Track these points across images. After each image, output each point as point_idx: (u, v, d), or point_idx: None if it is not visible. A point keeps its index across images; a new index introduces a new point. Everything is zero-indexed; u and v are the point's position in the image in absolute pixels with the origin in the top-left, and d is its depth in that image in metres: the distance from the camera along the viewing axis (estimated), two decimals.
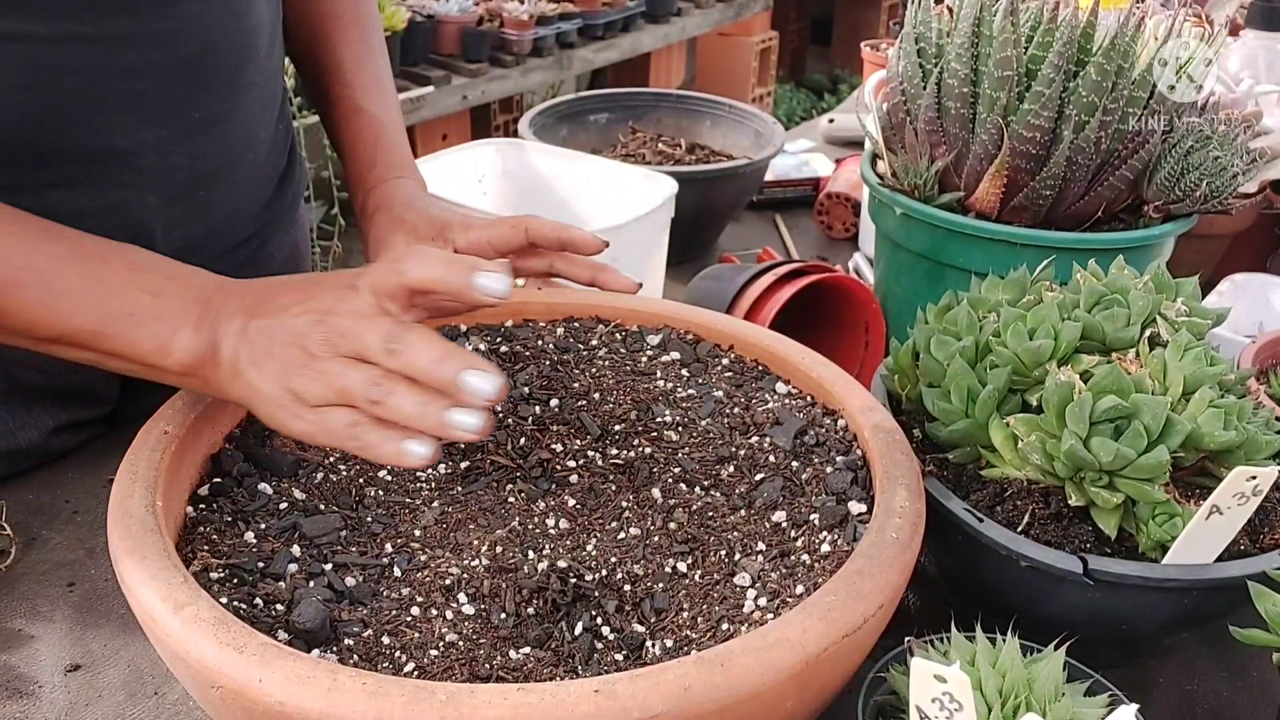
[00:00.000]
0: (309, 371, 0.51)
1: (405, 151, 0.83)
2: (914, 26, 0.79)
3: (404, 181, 0.79)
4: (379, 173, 0.80)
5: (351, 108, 0.82)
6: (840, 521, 0.54)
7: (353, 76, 0.83)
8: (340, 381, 0.51)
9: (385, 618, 0.49)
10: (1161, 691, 0.60)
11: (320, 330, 0.52)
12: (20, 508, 0.70)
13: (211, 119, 0.71)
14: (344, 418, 0.51)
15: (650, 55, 3.49)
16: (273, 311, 0.53)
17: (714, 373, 0.68)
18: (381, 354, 0.51)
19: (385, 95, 0.85)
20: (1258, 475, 0.48)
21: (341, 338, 0.51)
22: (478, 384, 0.50)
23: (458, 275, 0.52)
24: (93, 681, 0.58)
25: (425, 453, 0.51)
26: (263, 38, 0.75)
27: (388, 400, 0.50)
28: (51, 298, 0.54)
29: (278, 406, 0.52)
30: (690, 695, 0.40)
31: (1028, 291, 0.62)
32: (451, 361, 0.50)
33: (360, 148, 0.81)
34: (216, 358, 0.54)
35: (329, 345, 0.51)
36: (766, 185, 1.32)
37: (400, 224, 0.75)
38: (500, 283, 0.52)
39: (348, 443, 0.52)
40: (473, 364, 0.50)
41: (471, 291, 0.51)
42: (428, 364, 0.50)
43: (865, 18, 4.96)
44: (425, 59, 2.59)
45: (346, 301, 0.52)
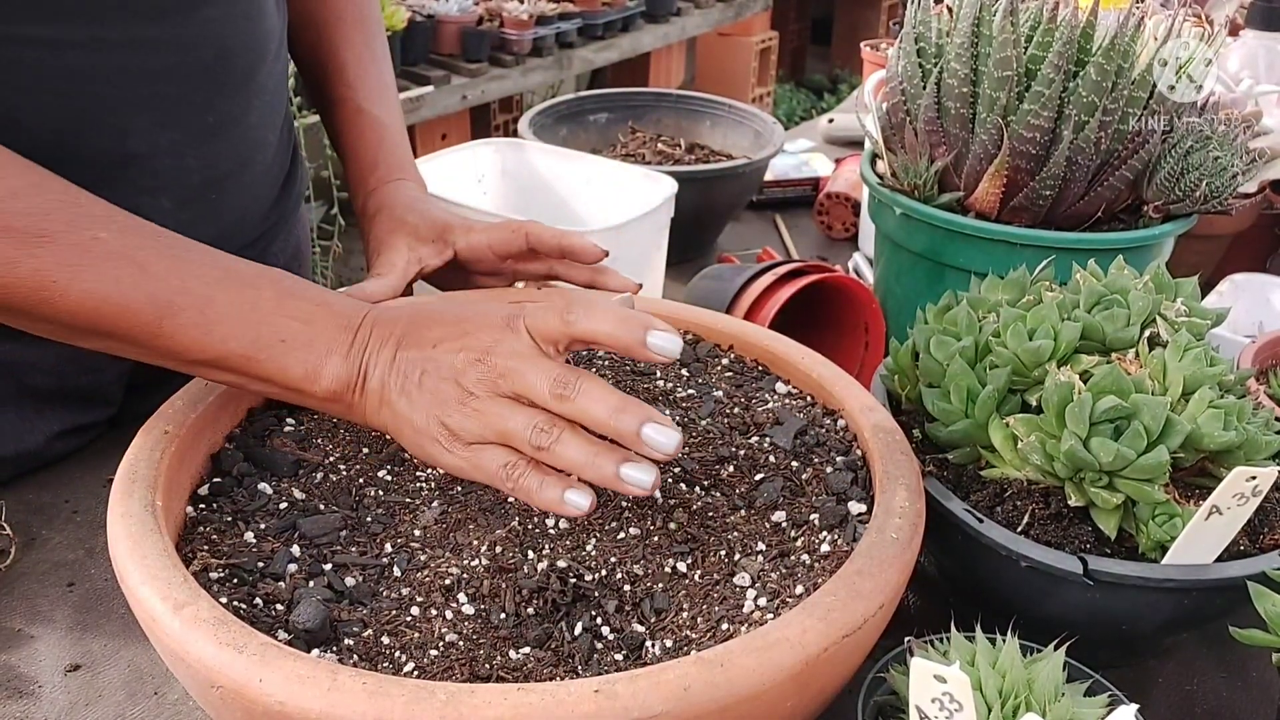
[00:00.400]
0: (465, 409, 0.52)
1: (406, 154, 0.83)
2: (914, 26, 0.79)
3: (405, 184, 0.80)
4: (380, 175, 0.80)
5: (354, 110, 0.83)
6: (840, 521, 0.54)
7: (355, 79, 0.84)
8: (502, 423, 0.51)
9: (385, 618, 0.49)
10: (1161, 691, 0.60)
11: (479, 369, 0.52)
12: (20, 508, 0.70)
13: (224, 123, 0.72)
14: (501, 458, 0.51)
15: (650, 55, 3.49)
16: (424, 344, 0.54)
17: (714, 373, 0.68)
18: (549, 399, 0.51)
19: (387, 98, 0.85)
20: (1257, 475, 0.48)
21: (502, 378, 0.51)
22: (658, 439, 0.50)
23: (631, 332, 0.51)
24: (93, 681, 0.58)
25: (584, 504, 0.51)
26: (273, 42, 0.76)
27: (554, 448, 0.50)
28: (206, 322, 0.54)
29: (429, 440, 0.53)
30: (690, 695, 0.40)
31: (1027, 291, 0.62)
32: (630, 414, 0.50)
33: (362, 150, 0.82)
34: (364, 386, 0.54)
35: (488, 385, 0.52)
36: (766, 185, 1.32)
37: (401, 226, 0.76)
38: (673, 343, 0.51)
39: (503, 483, 0.52)
40: (652, 417, 0.50)
41: (646, 350, 0.51)
42: (605, 414, 0.50)
43: (865, 17, 4.97)
44: (425, 59, 2.59)
45: (506, 342, 0.52)
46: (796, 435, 0.60)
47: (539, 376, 0.51)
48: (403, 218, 0.76)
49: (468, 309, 0.55)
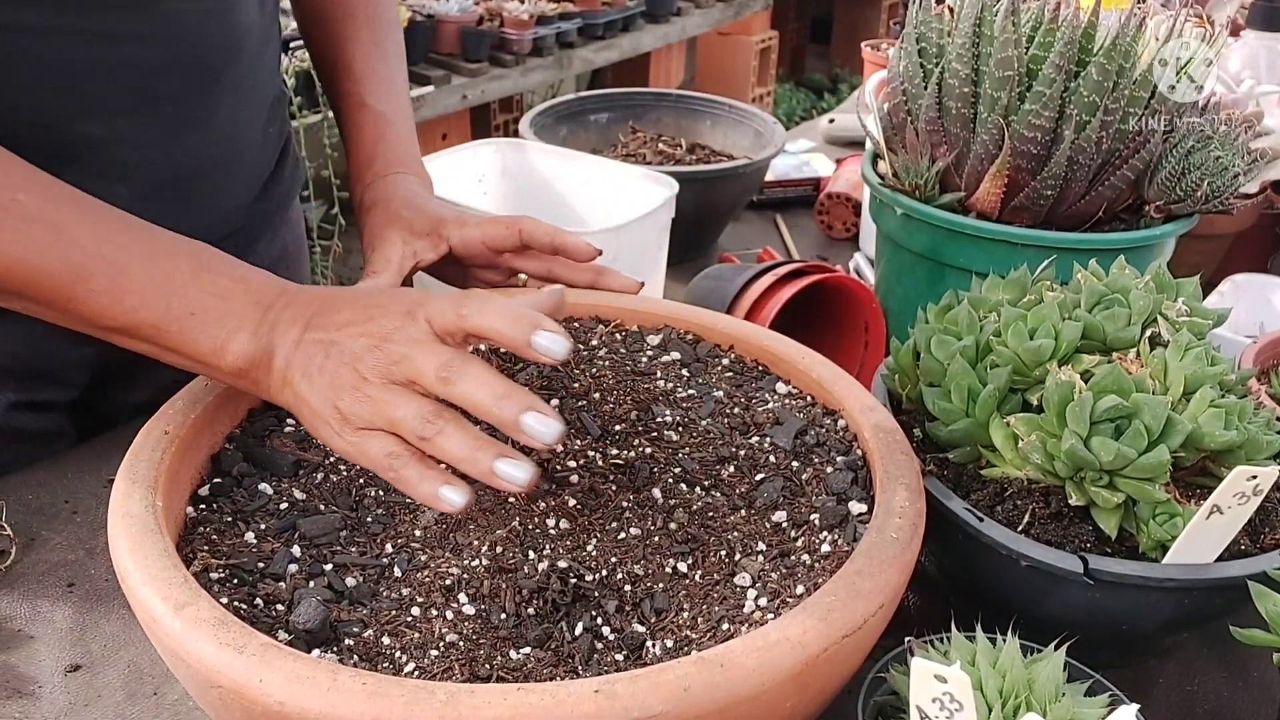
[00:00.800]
0: (358, 394, 0.52)
1: (409, 149, 0.82)
2: (915, 26, 0.79)
3: (403, 177, 0.79)
4: (377, 168, 0.80)
5: (356, 104, 0.83)
6: (840, 521, 0.54)
7: (361, 74, 0.84)
8: (391, 411, 0.51)
9: (385, 618, 0.49)
10: (1161, 691, 0.60)
11: (375, 355, 0.52)
12: (20, 508, 0.70)
13: (191, 117, 0.71)
14: (385, 446, 0.51)
15: (650, 55, 3.49)
16: (329, 327, 0.54)
17: (714, 373, 0.68)
18: (436, 382, 0.51)
19: (394, 94, 0.84)
20: (1258, 475, 0.48)
21: (396, 365, 0.52)
22: (538, 428, 0.50)
23: (519, 331, 0.51)
24: (92, 681, 0.58)
25: (460, 501, 0.51)
26: (250, 39, 0.75)
27: (436, 439, 0.50)
28: (118, 290, 0.55)
29: (322, 422, 0.53)
30: (690, 695, 0.40)
31: (1028, 291, 0.62)
32: (512, 401, 0.50)
33: (361, 143, 0.81)
34: (270, 364, 0.54)
35: (383, 371, 0.52)
36: (767, 185, 1.32)
37: (396, 220, 0.75)
38: (559, 345, 0.51)
39: (386, 472, 0.51)
40: (534, 405, 0.50)
41: (530, 350, 0.51)
42: (487, 399, 0.50)
43: (865, 17, 4.96)
44: (425, 58, 2.59)
45: (404, 329, 0.52)
46: (796, 435, 0.60)
47: (427, 361, 0.51)
48: (398, 212, 0.76)
49: (378, 296, 0.56)
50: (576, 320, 0.73)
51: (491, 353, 0.69)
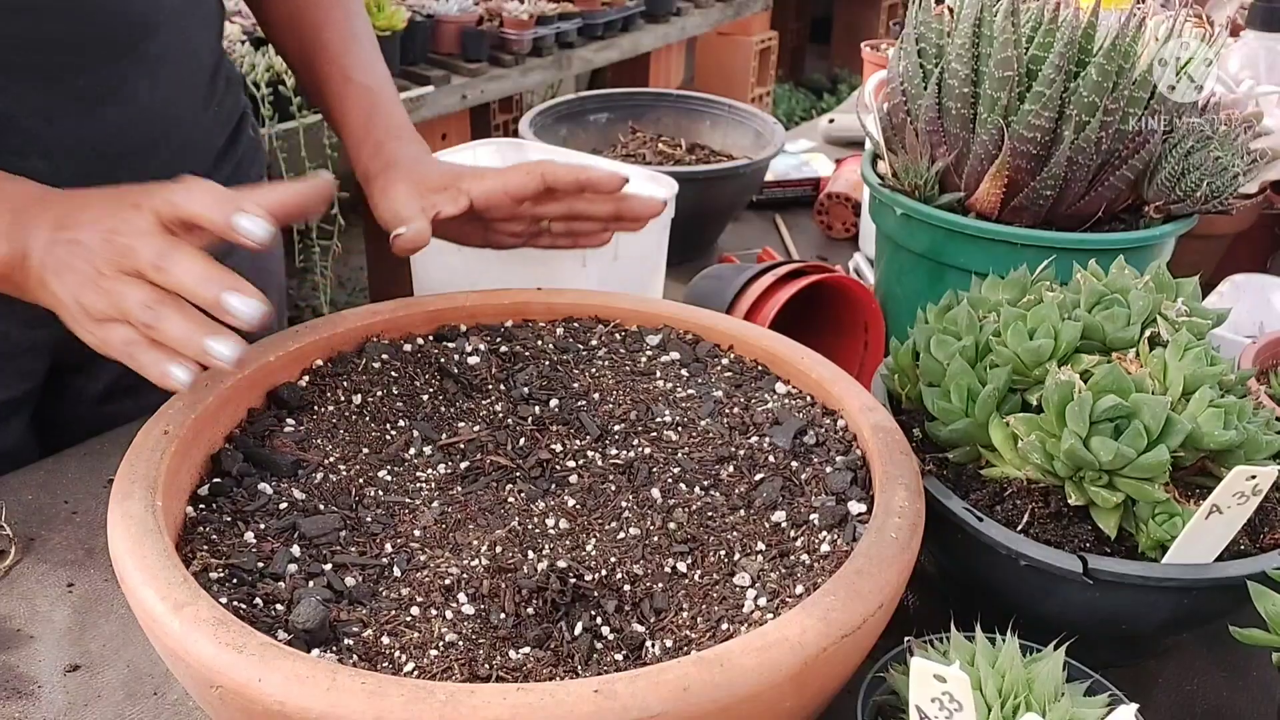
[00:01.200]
0: (96, 288, 0.54)
1: (401, 118, 0.81)
2: (914, 27, 0.79)
3: (405, 143, 0.78)
4: (377, 136, 0.78)
5: (341, 81, 0.82)
6: (840, 521, 0.54)
7: (339, 53, 0.83)
8: (120, 301, 0.54)
9: (385, 618, 0.49)
10: (1161, 691, 0.60)
11: (108, 249, 0.54)
12: (20, 508, 0.70)
13: (103, 92, 0.71)
14: (123, 334, 0.54)
15: (650, 55, 3.48)
16: (74, 226, 0.56)
17: (714, 373, 0.68)
18: (151, 270, 0.53)
19: (375, 69, 0.83)
20: (1257, 475, 0.48)
21: (123, 257, 0.54)
22: (239, 306, 0.52)
23: (221, 213, 0.54)
24: (92, 681, 0.58)
25: (184, 378, 0.53)
26: (171, 14, 0.74)
27: (159, 325, 0.53)
28: None
29: (71, 318, 0.56)
30: (689, 695, 0.40)
31: (1028, 291, 0.62)
32: (214, 282, 0.53)
33: (353, 117, 0.80)
34: (25, 264, 0.57)
35: (114, 263, 0.54)
36: (766, 185, 1.32)
37: (409, 176, 0.74)
38: (260, 228, 0.54)
39: (126, 360, 0.54)
40: (235, 286, 0.53)
41: (233, 232, 0.54)
42: (191, 282, 0.53)
43: (865, 17, 4.96)
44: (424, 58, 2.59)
45: (131, 221, 0.55)
46: (796, 435, 0.60)
47: (145, 250, 0.53)
48: (409, 169, 0.74)
49: (117, 192, 0.58)
50: (576, 320, 0.73)
51: (491, 353, 0.69)
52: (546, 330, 0.72)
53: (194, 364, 0.54)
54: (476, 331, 0.71)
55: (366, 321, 0.68)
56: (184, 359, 0.53)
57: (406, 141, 0.78)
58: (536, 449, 0.61)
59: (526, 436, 0.62)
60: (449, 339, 0.70)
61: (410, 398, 0.65)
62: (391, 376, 0.66)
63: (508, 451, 0.61)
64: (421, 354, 0.68)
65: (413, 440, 0.61)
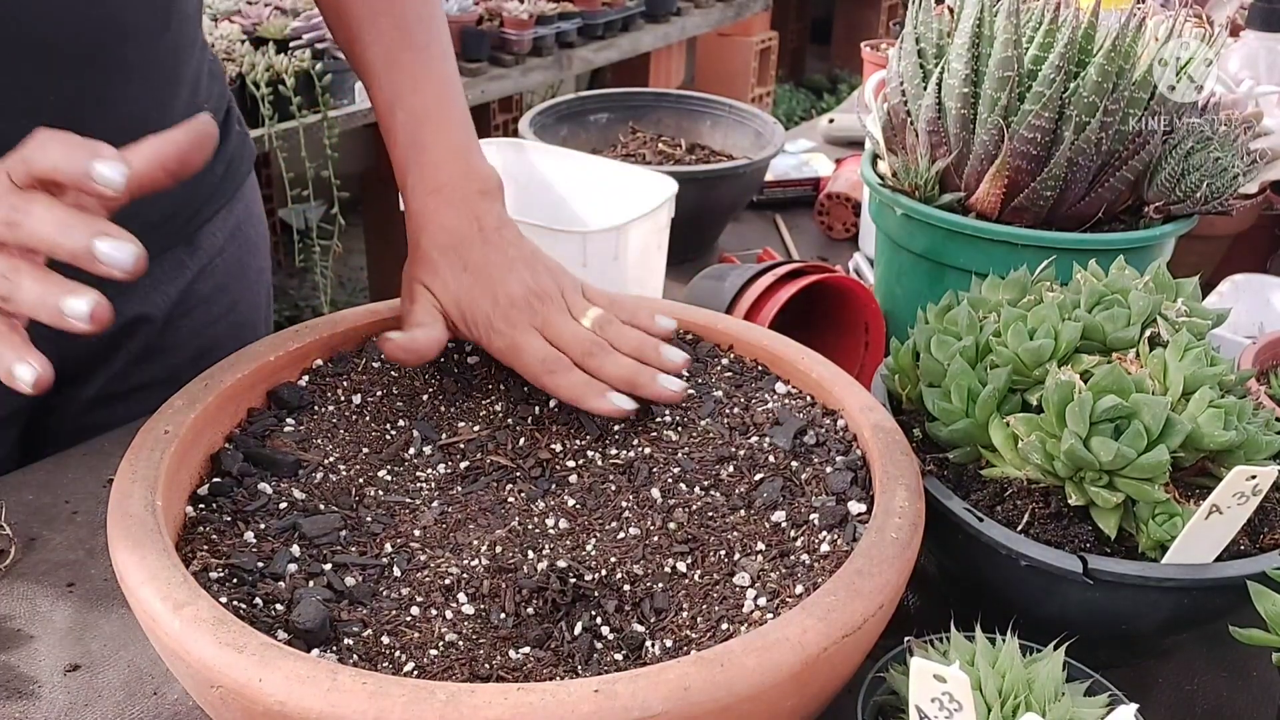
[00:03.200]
0: None
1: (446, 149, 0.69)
2: (914, 27, 0.79)
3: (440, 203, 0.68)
4: (410, 184, 0.69)
5: (385, 109, 0.72)
6: (840, 521, 0.54)
7: (383, 72, 0.72)
8: None
9: (385, 618, 0.49)
10: (1161, 691, 0.60)
11: None
12: (20, 508, 0.70)
13: (82, 104, 0.66)
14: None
15: (650, 55, 3.49)
16: None
17: (714, 373, 0.68)
18: (4, 229, 0.47)
19: (424, 85, 0.71)
20: (1257, 475, 0.48)
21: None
22: (113, 254, 0.46)
23: (75, 163, 0.47)
24: (92, 681, 0.58)
25: (29, 377, 0.47)
26: (142, 17, 0.68)
27: (14, 295, 0.47)
28: None
29: None
30: (690, 695, 0.40)
31: (1028, 292, 0.62)
32: (79, 230, 0.46)
33: (395, 152, 0.71)
34: None
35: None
36: (766, 185, 1.32)
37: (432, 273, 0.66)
38: (118, 173, 0.47)
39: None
40: (106, 230, 0.46)
41: (90, 182, 0.47)
42: (52, 231, 0.46)
43: (865, 18, 4.97)
44: None
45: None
46: (796, 435, 0.60)
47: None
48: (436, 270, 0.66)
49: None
50: None
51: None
52: None
53: (40, 361, 0.47)
54: None
55: (366, 321, 0.68)
56: (30, 356, 0.47)
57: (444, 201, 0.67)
58: (536, 449, 0.61)
59: (526, 436, 0.62)
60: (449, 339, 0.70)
61: (410, 398, 0.65)
62: (391, 376, 0.66)
63: (508, 451, 0.61)
64: None
65: (413, 440, 0.61)
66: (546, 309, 0.65)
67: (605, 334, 0.64)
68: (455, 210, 0.67)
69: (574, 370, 0.63)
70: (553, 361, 0.63)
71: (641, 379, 0.62)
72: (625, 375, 0.62)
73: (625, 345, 0.64)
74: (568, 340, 0.64)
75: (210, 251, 0.84)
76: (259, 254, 0.92)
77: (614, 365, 0.63)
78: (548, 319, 0.65)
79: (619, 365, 0.63)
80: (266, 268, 0.95)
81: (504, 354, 0.64)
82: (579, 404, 0.62)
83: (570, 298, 0.67)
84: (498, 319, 0.64)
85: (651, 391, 0.62)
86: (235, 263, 0.87)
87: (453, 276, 0.66)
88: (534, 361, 0.63)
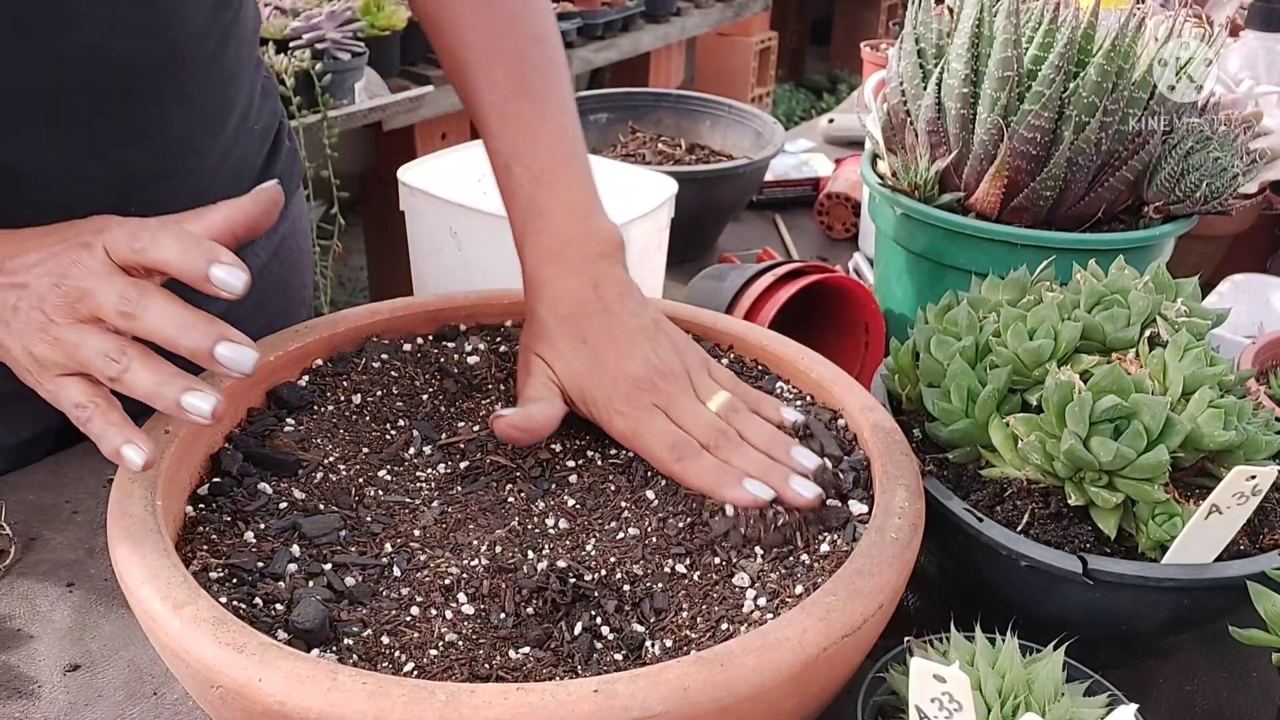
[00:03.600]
0: (48, 337, 0.50)
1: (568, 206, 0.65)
2: (914, 27, 0.79)
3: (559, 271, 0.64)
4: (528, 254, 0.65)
5: (502, 168, 0.67)
6: (840, 522, 0.54)
7: (499, 127, 0.66)
8: (77, 352, 0.49)
9: (385, 617, 0.49)
10: (1161, 691, 0.60)
11: (57, 294, 0.50)
12: (20, 508, 0.70)
13: (131, 134, 0.66)
14: (76, 395, 0.50)
15: (650, 55, 3.49)
16: (19, 270, 0.51)
17: None
18: (117, 317, 0.49)
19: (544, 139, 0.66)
20: (1257, 475, 0.48)
21: (79, 301, 0.49)
22: (234, 357, 0.49)
23: (194, 263, 0.49)
24: (92, 681, 0.58)
25: (138, 460, 0.49)
26: (200, 46, 0.68)
27: (124, 377, 0.49)
28: None
29: (24, 370, 0.51)
30: (690, 695, 0.40)
31: (1028, 292, 0.62)
32: (200, 331, 0.48)
33: (514, 217, 0.66)
34: None
35: (67, 310, 0.49)
36: (766, 185, 1.32)
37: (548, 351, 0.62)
38: (236, 278, 0.49)
39: (80, 425, 0.50)
40: (226, 334, 0.49)
41: (208, 284, 0.49)
42: (173, 330, 0.48)
43: (865, 18, 4.97)
44: (424, 58, 2.59)
45: (83, 262, 0.50)
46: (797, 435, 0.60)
47: (107, 294, 0.49)
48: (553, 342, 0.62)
49: (63, 230, 0.53)
50: None
51: (491, 353, 0.69)
52: None
53: (148, 445, 0.49)
54: (476, 331, 0.71)
55: (366, 321, 0.68)
56: (140, 438, 0.49)
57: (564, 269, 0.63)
58: (536, 448, 0.61)
59: None
60: (449, 339, 0.70)
61: (410, 398, 0.65)
62: (391, 376, 0.66)
63: (507, 451, 0.61)
64: (421, 354, 0.68)
65: (413, 440, 0.61)
66: (670, 389, 0.60)
67: (733, 423, 0.59)
68: (574, 276, 0.63)
69: (704, 455, 0.57)
70: (682, 447, 0.57)
71: (774, 479, 0.55)
72: (756, 473, 0.56)
73: (756, 439, 0.58)
74: (695, 426, 0.58)
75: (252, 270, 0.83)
76: (301, 270, 0.91)
77: (743, 460, 0.57)
78: (671, 400, 0.59)
79: (749, 460, 0.57)
80: (308, 284, 0.93)
81: (626, 437, 0.59)
82: (711, 493, 0.56)
83: (696, 377, 0.61)
84: (618, 399, 0.59)
85: (784, 495, 0.54)
86: (276, 280, 0.86)
87: (571, 350, 0.61)
88: (661, 447, 0.58)
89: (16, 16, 0.57)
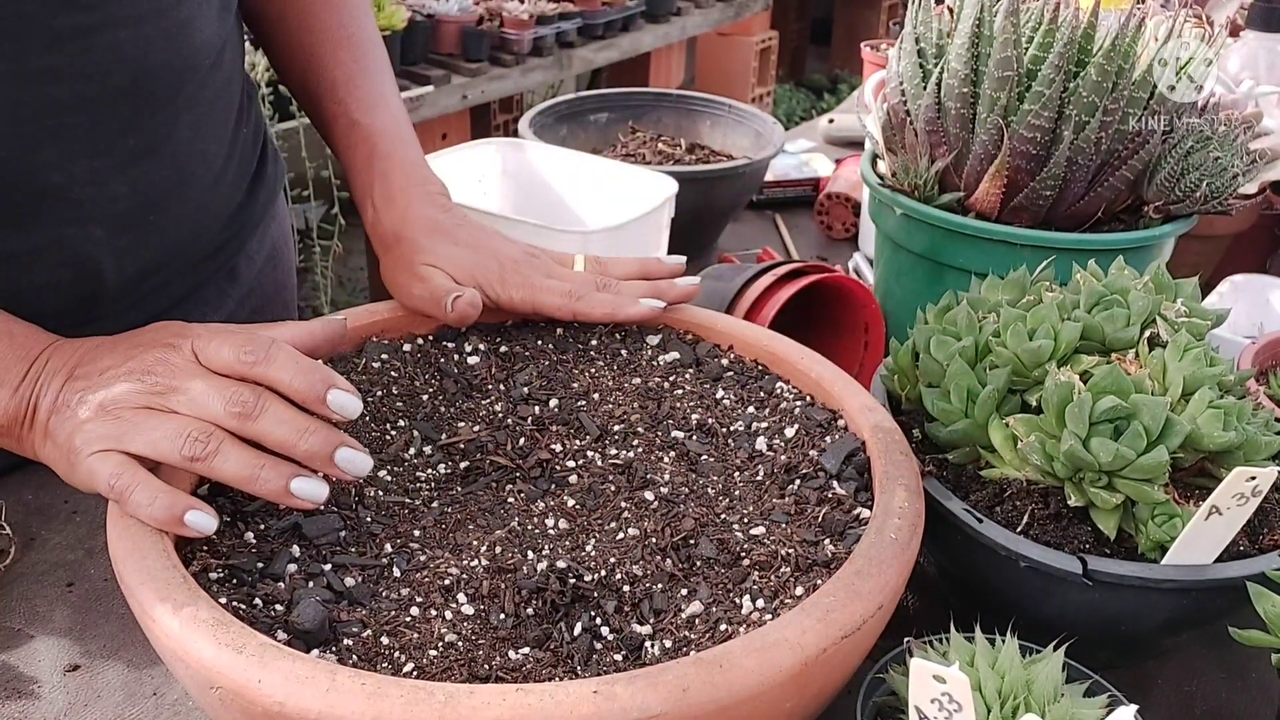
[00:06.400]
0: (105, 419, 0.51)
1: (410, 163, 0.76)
2: (914, 27, 0.79)
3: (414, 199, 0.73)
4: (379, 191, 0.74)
5: (347, 124, 0.78)
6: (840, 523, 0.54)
7: (345, 94, 0.78)
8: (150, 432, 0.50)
9: (384, 618, 0.49)
10: (1161, 692, 0.60)
11: (135, 391, 0.51)
12: (20, 508, 0.70)
13: (151, 144, 0.68)
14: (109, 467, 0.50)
15: (650, 55, 3.49)
16: (91, 375, 0.53)
17: (714, 372, 0.68)
18: (226, 417, 0.51)
19: (381, 108, 0.79)
20: (1257, 476, 0.48)
21: (159, 395, 0.51)
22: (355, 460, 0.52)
23: (311, 388, 0.52)
24: (92, 681, 0.58)
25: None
26: (207, 56, 0.70)
27: (213, 461, 0.50)
28: None
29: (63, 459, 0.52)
30: (689, 696, 0.40)
31: (1028, 292, 0.62)
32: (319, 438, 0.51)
33: (359, 164, 0.76)
34: (33, 419, 0.54)
35: (142, 402, 0.51)
36: (766, 185, 1.32)
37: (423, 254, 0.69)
38: (353, 404, 0.53)
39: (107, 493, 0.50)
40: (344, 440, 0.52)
41: (326, 408, 0.52)
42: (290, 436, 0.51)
43: (865, 18, 4.97)
44: (425, 58, 2.59)
45: (167, 360, 0.52)
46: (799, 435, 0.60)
47: (212, 395, 0.51)
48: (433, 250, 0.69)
49: (139, 335, 0.55)
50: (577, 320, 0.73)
51: (491, 353, 0.69)
52: (546, 330, 0.72)
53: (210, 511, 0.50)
54: (476, 331, 0.71)
55: (366, 321, 0.68)
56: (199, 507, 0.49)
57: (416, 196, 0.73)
58: (536, 449, 0.61)
59: (526, 436, 0.62)
60: (449, 339, 0.70)
61: (410, 398, 0.65)
62: (391, 376, 0.66)
63: (508, 451, 0.61)
64: (421, 354, 0.68)
65: (413, 440, 0.61)
66: (544, 262, 0.70)
67: (602, 269, 0.71)
68: (426, 204, 0.73)
69: (597, 292, 0.67)
70: (577, 289, 0.68)
71: (661, 288, 0.68)
72: (645, 291, 0.68)
73: (628, 271, 0.70)
74: (577, 279, 0.69)
75: (248, 280, 0.84)
76: (289, 273, 0.93)
77: (631, 286, 0.68)
78: (549, 267, 0.70)
79: (635, 286, 0.68)
80: (293, 286, 0.95)
81: (525, 301, 0.68)
82: (613, 316, 0.67)
83: (555, 255, 0.72)
84: (508, 273, 0.68)
85: (676, 294, 0.68)
86: (271, 284, 0.88)
87: (452, 251, 0.69)
88: (558, 295, 0.67)
89: (48, 33, 0.58)
